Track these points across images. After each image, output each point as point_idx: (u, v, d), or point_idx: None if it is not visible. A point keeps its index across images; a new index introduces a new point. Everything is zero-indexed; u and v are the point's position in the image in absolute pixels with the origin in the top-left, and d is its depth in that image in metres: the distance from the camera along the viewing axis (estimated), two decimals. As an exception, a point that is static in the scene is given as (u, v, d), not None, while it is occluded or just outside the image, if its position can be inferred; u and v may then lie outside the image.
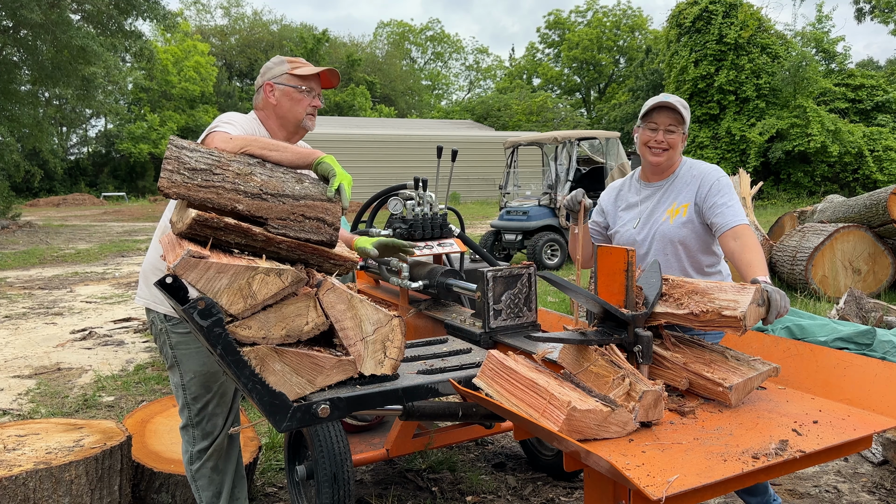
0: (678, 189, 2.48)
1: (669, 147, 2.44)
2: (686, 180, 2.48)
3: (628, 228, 2.55)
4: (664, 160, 2.47)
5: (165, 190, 1.67)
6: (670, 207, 2.47)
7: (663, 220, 2.45)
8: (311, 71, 2.41)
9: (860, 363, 1.80)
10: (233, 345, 1.61)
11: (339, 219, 1.84)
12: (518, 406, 1.64)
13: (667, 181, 2.52)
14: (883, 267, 7.51)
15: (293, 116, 2.42)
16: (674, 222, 2.43)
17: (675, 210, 2.45)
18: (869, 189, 19.00)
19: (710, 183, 2.41)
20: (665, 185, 2.52)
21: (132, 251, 14.53)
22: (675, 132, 2.43)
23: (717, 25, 22.57)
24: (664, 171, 2.52)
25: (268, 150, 1.90)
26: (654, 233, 2.47)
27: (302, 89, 2.40)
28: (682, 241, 2.43)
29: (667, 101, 2.41)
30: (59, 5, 18.59)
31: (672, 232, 2.43)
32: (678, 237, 2.43)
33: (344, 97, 44.59)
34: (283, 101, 2.40)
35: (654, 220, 2.48)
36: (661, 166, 2.50)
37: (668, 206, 2.48)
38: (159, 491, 3.01)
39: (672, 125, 2.42)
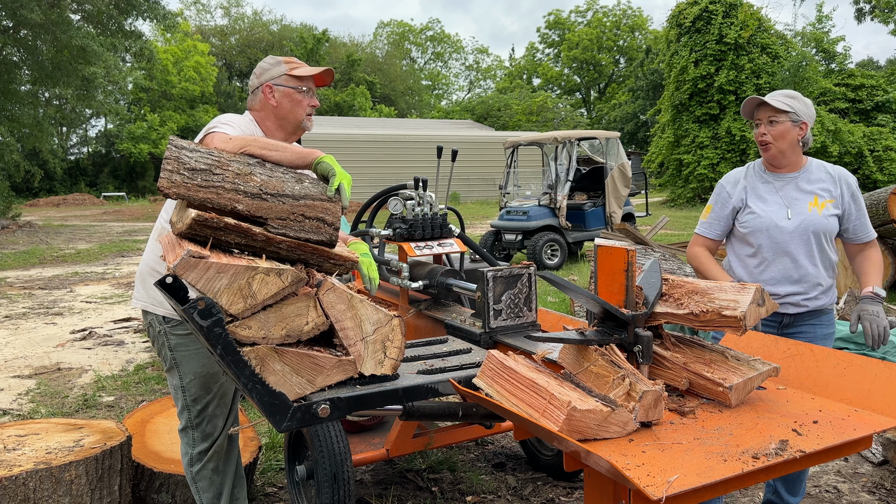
0: (813, 183, 2.58)
1: (774, 139, 2.53)
2: (820, 176, 2.59)
3: (775, 216, 2.59)
4: (774, 151, 2.56)
5: (165, 190, 1.67)
6: (811, 200, 2.56)
7: (810, 212, 2.55)
8: (310, 71, 2.41)
9: (860, 363, 1.80)
10: (233, 345, 1.61)
11: (338, 218, 1.84)
12: (518, 406, 1.64)
13: (797, 174, 2.61)
14: (883, 267, 7.51)
15: (294, 117, 2.42)
16: (822, 213, 2.54)
17: (821, 204, 2.55)
18: (869, 189, 19.01)
19: (851, 190, 2.57)
20: (797, 177, 2.60)
21: (132, 251, 14.53)
22: (778, 122, 2.51)
23: (717, 25, 22.57)
24: (790, 164, 2.60)
25: (267, 150, 1.90)
26: (801, 222, 2.54)
27: (302, 90, 2.41)
28: (826, 232, 2.55)
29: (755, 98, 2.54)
30: (59, 5, 18.59)
31: (819, 223, 2.54)
32: (824, 228, 2.54)
33: (344, 97, 44.59)
34: (283, 102, 2.40)
35: (799, 210, 2.56)
36: (777, 158, 2.58)
37: (809, 198, 2.57)
38: (159, 491, 3.01)
39: (773, 116, 2.51)
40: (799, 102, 2.53)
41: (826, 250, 2.57)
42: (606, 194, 11.41)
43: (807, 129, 2.55)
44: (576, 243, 11.32)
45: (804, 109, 2.53)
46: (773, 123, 2.52)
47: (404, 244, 3.01)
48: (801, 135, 2.54)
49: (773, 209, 2.59)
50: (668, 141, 24.41)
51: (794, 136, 2.53)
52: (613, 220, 11.29)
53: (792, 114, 2.50)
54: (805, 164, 2.62)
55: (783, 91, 2.56)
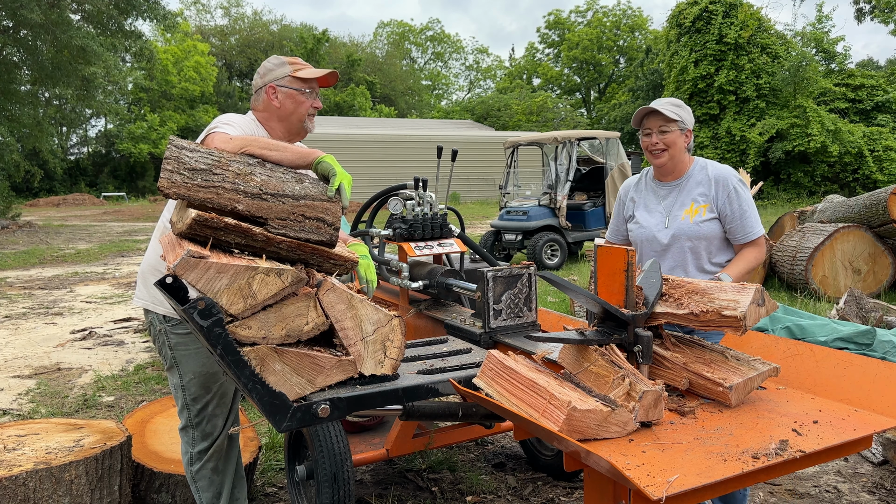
0: (692, 188, 2.57)
1: (667, 147, 2.54)
2: (699, 180, 2.57)
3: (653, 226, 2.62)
4: (666, 160, 2.57)
5: (165, 190, 1.67)
6: (688, 207, 2.56)
7: (682, 219, 2.55)
8: (314, 74, 2.41)
9: (860, 363, 1.80)
10: (233, 345, 1.61)
11: (338, 219, 1.84)
12: (518, 406, 1.64)
13: (681, 180, 2.61)
14: (883, 267, 7.51)
15: (296, 118, 2.42)
16: (693, 221, 2.53)
17: (695, 210, 2.55)
18: (869, 189, 19.01)
19: (728, 190, 2.52)
20: (680, 184, 2.60)
21: (132, 251, 14.53)
22: (669, 131, 2.52)
23: (717, 25, 22.57)
24: (675, 171, 2.61)
25: (268, 150, 1.90)
26: (675, 231, 2.55)
27: (305, 91, 2.40)
28: (703, 239, 2.53)
29: (649, 107, 2.53)
30: (59, 5, 18.59)
31: (691, 230, 2.53)
32: (696, 235, 2.53)
33: (344, 97, 44.58)
34: (286, 103, 2.40)
35: (674, 219, 2.57)
36: (666, 167, 2.60)
37: (686, 205, 2.57)
38: (159, 491, 3.01)
39: (663, 125, 2.52)
40: (684, 111, 2.56)
41: (703, 257, 2.54)
42: (606, 194, 11.41)
43: (691, 136, 2.58)
44: (576, 243, 11.32)
45: (688, 118, 2.56)
46: (664, 133, 2.53)
47: (404, 244, 3.01)
48: (687, 142, 2.57)
49: (654, 219, 2.62)
50: (668, 141, 24.38)
51: (682, 143, 2.55)
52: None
53: (680, 122, 2.52)
54: (689, 169, 2.61)
55: (668, 99, 2.57)
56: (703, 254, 2.55)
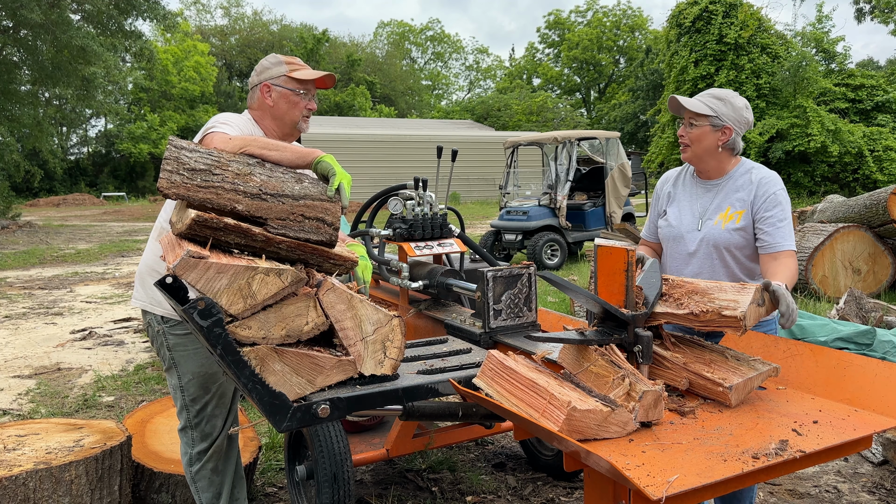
0: (731, 192, 2.37)
1: (691, 142, 2.35)
2: (741, 184, 2.36)
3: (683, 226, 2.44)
4: (689, 156, 2.39)
5: (165, 190, 1.67)
6: (723, 212, 2.36)
7: (715, 224, 2.36)
8: (310, 75, 2.39)
9: (860, 363, 1.80)
10: (233, 345, 1.61)
11: (338, 219, 1.84)
12: (518, 406, 1.64)
13: (721, 182, 2.40)
14: (883, 267, 7.51)
15: (289, 119, 2.41)
16: (725, 227, 2.34)
17: (729, 216, 2.35)
18: (869, 189, 18.99)
19: (768, 195, 2.30)
20: (720, 184, 2.40)
21: (132, 251, 14.53)
22: (697, 125, 2.33)
23: (717, 25, 22.56)
24: (712, 171, 2.41)
25: (267, 150, 1.89)
26: (704, 236, 2.37)
27: (299, 92, 2.39)
28: (732, 247, 2.34)
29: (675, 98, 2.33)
30: (59, 5, 18.58)
31: (722, 237, 2.33)
32: (727, 243, 2.34)
33: (344, 97, 44.58)
34: (280, 102, 2.39)
35: (707, 222, 2.39)
36: (693, 162, 2.42)
37: (721, 210, 2.37)
38: (159, 491, 3.01)
39: (693, 119, 2.33)
40: (726, 105, 2.32)
41: (730, 265, 2.35)
42: (606, 194, 11.41)
43: (731, 134, 2.33)
44: (576, 243, 11.32)
45: (730, 113, 2.32)
46: (692, 126, 2.34)
47: (404, 244, 3.01)
48: (722, 140, 2.33)
49: (685, 220, 2.43)
50: (668, 141, 24.40)
51: (713, 140, 2.33)
52: (613, 220, 11.29)
53: (713, 117, 2.30)
54: (731, 170, 2.40)
55: (712, 91, 2.35)
56: (732, 263, 2.35)
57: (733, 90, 15.04)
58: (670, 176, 2.58)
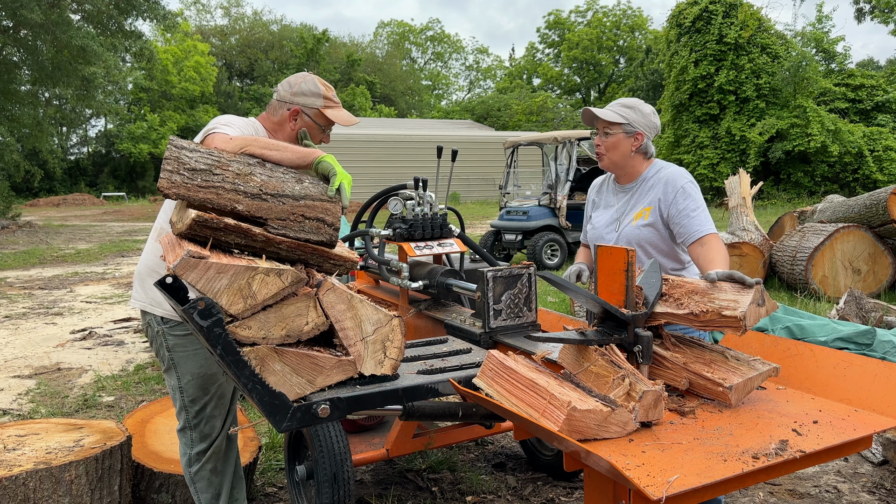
0: (645, 192, 2.49)
1: (607, 150, 2.47)
2: (652, 183, 2.48)
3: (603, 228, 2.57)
4: (606, 163, 2.51)
5: (165, 190, 1.67)
6: (637, 212, 2.48)
7: (628, 223, 2.48)
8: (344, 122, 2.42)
9: (860, 363, 1.80)
10: (233, 345, 1.61)
11: (338, 219, 1.84)
12: (518, 406, 1.64)
13: (635, 184, 2.52)
14: (883, 267, 7.51)
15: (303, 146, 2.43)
16: (635, 225, 2.45)
17: (643, 213, 2.46)
18: (869, 189, 19.00)
19: (676, 190, 2.40)
20: (634, 187, 2.53)
21: (132, 251, 14.53)
22: (611, 133, 2.44)
23: (717, 25, 22.58)
24: (627, 175, 2.53)
25: (268, 150, 1.89)
26: (620, 236, 2.49)
27: (324, 129, 2.43)
28: (644, 243, 2.43)
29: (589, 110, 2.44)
30: (59, 5, 18.59)
31: (633, 234, 2.44)
32: (639, 239, 2.43)
33: (344, 97, 44.56)
34: (299, 128, 2.42)
35: (623, 223, 2.50)
36: (610, 169, 2.54)
37: (636, 210, 2.49)
38: (159, 491, 3.01)
39: (606, 128, 2.44)
40: (635, 112, 2.44)
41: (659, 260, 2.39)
42: (606, 194, 11.41)
43: (643, 139, 2.45)
44: (576, 243, 11.31)
45: (640, 119, 2.44)
46: (606, 135, 2.45)
47: (404, 244, 3.01)
48: (635, 145, 2.45)
49: (606, 222, 2.56)
50: (668, 141, 24.43)
51: (628, 147, 2.45)
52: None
53: (625, 125, 2.42)
54: (644, 172, 2.51)
55: (622, 100, 2.47)
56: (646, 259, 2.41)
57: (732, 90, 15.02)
58: (596, 183, 2.73)
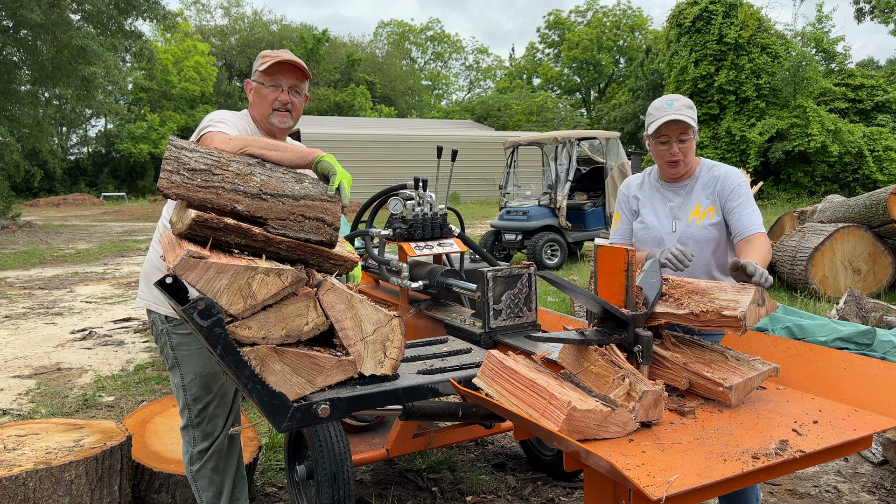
0: (699, 190, 2.48)
1: (684, 155, 2.42)
2: (706, 181, 2.47)
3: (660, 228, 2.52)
4: (682, 168, 2.46)
5: (165, 190, 1.67)
6: (694, 209, 2.46)
7: (690, 223, 2.46)
8: (269, 64, 2.33)
9: (860, 363, 1.80)
10: (233, 345, 1.61)
11: (338, 219, 1.84)
12: (518, 406, 1.64)
13: (688, 182, 2.50)
14: (883, 267, 7.51)
15: (261, 113, 2.38)
16: (701, 224, 2.44)
17: (702, 213, 2.45)
18: (869, 189, 18.99)
19: (732, 188, 2.42)
20: (687, 186, 2.50)
21: (132, 251, 14.53)
22: (686, 140, 2.40)
23: (717, 25, 22.57)
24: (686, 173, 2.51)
25: (268, 150, 1.89)
26: (681, 235, 2.46)
27: (268, 86, 2.35)
28: (710, 242, 2.44)
29: (673, 118, 2.36)
30: (59, 5, 18.59)
31: (701, 234, 2.44)
32: (707, 238, 2.44)
33: (344, 97, 44.59)
34: (254, 98, 2.40)
35: (681, 222, 2.48)
36: (680, 175, 2.50)
37: (692, 207, 2.47)
38: (159, 491, 3.01)
39: (683, 134, 2.39)
40: (694, 111, 2.42)
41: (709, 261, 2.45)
42: (606, 194, 11.41)
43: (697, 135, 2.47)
44: (576, 243, 11.32)
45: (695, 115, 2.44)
46: (683, 142, 2.39)
47: (404, 244, 3.01)
48: (695, 141, 2.47)
49: (661, 222, 2.52)
50: (668, 141, 24.39)
51: (693, 146, 2.46)
52: (613, 220, 11.28)
53: (694, 126, 2.40)
54: (696, 170, 2.51)
55: (682, 100, 2.41)
56: (711, 258, 2.46)
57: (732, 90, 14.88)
58: (633, 182, 2.68)
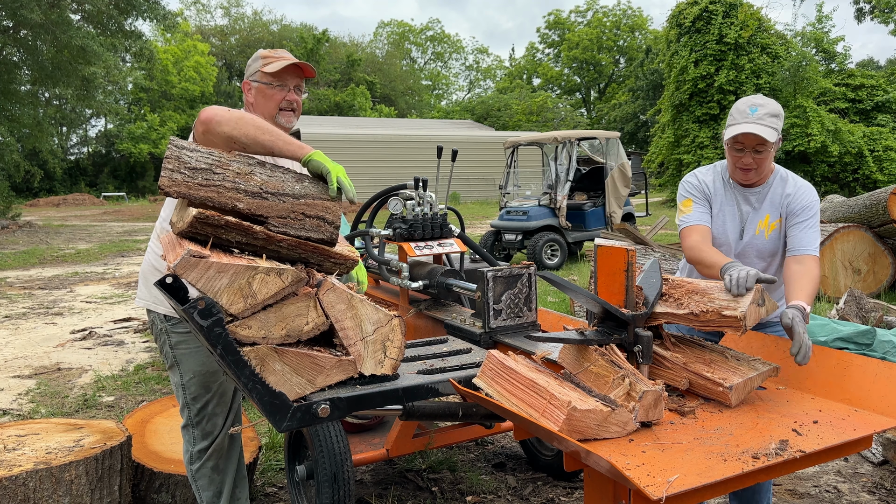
0: (770, 201, 2.41)
1: (759, 165, 2.33)
2: (778, 193, 2.40)
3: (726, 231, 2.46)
4: (754, 178, 2.38)
5: (166, 189, 1.67)
6: (763, 220, 2.40)
7: (757, 234, 2.41)
8: (278, 67, 2.35)
9: (860, 363, 1.80)
10: (233, 344, 1.61)
11: (339, 217, 1.84)
12: (518, 406, 1.64)
13: (761, 189, 2.42)
14: (883, 267, 7.51)
15: (266, 113, 2.39)
16: (769, 238, 2.40)
17: (770, 225, 2.39)
18: (869, 189, 18.99)
19: (802, 206, 2.35)
20: (759, 192, 2.42)
21: (132, 251, 14.53)
22: (763, 151, 2.29)
23: (717, 25, 22.56)
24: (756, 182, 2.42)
25: (261, 133, 1.91)
26: (747, 244, 2.42)
27: (274, 85, 2.37)
28: (773, 257, 2.42)
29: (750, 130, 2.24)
30: (59, 5, 18.59)
31: (766, 247, 2.41)
32: (771, 252, 2.41)
33: (344, 97, 44.59)
34: (258, 98, 2.40)
35: (748, 230, 2.42)
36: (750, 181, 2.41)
37: (761, 217, 2.41)
38: (159, 491, 3.01)
39: (760, 146, 2.28)
40: (780, 120, 2.31)
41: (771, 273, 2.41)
42: (606, 194, 11.42)
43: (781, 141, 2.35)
44: (576, 243, 11.32)
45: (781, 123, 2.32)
46: (759, 152, 2.29)
47: (404, 244, 3.01)
48: (776, 148, 2.34)
49: (728, 223, 2.45)
50: (668, 141, 24.40)
51: (773, 155, 2.34)
52: (613, 220, 11.29)
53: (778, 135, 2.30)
54: (770, 177, 2.43)
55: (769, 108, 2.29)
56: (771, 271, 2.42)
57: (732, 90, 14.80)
58: (706, 177, 2.52)
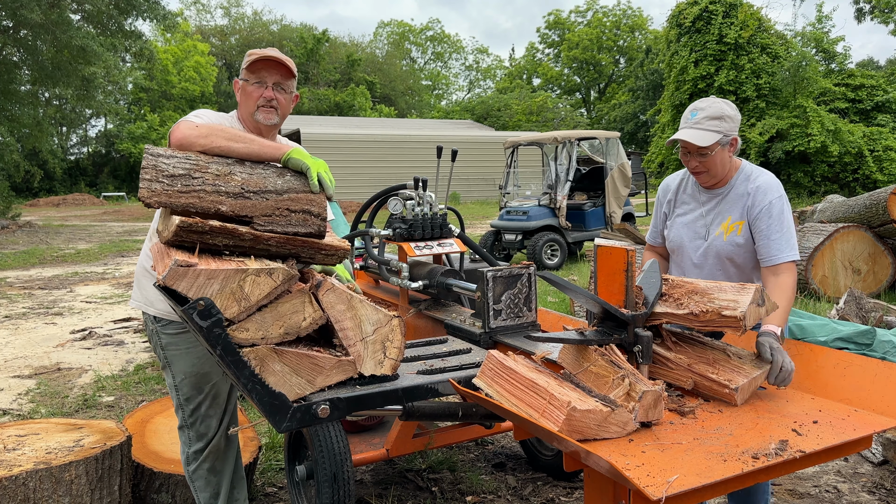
0: (733, 202, 2.37)
1: (708, 168, 2.32)
2: (740, 193, 2.35)
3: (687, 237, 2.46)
4: (707, 180, 2.37)
5: (146, 200, 1.65)
6: (724, 222, 2.37)
7: (717, 235, 2.38)
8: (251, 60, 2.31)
9: (860, 363, 1.80)
10: (232, 345, 1.61)
11: (325, 209, 1.83)
12: (518, 406, 1.64)
13: (723, 190, 2.39)
14: (883, 267, 7.51)
15: (247, 111, 2.37)
16: (727, 239, 2.35)
17: (730, 227, 2.36)
18: (869, 189, 18.98)
19: (762, 206, 2.29)
20: (721, 194, 2.40)
21: (132, 251, 14.53)
22: (707, 154, 2.28)
23: (717, 25, 22.56)
24: (717, 183, 2.40)
25: (233, 142, 1.85)
26: (709, 246, 2.40)
27: (252, 83, 2.33)
28: (734, 258, 2.37)
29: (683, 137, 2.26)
30: (59, 5, 18.58)
31: (724, 249, 2.36)
32: (729, 254, 2.36)
33: (344, 97, 44.59)
34: (241, 96, 2.39)
35: (711, 233, 2.40)
36: (712, 185, 2.40)
37: (723, 219, 2.38)
38: (159, 491, 3.01)
39: (702, 149, 2.27)
40: (725, 122, 2.27)
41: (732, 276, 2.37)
42: (606, 194, 11.42)
43: (738, 142, 2.32)
44: (576, 243, 11.32)
45: (732, 125, 2.28)
46: (704, 155, 2.28)
47: (404, 244, 3.01)
48: (731, 151, 2.32)
49: (690, 230, 2.44)
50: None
51: (726, 155, 2.31)
52: (613, 220, 11.30)
53: (721, 138, 2.27)
54: (732, 177, 2.38)
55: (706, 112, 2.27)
56: (734, 273, 2.37)
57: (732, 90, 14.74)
58: (671, 184, 2.57)
